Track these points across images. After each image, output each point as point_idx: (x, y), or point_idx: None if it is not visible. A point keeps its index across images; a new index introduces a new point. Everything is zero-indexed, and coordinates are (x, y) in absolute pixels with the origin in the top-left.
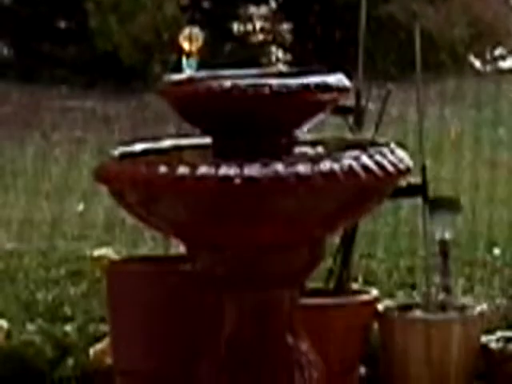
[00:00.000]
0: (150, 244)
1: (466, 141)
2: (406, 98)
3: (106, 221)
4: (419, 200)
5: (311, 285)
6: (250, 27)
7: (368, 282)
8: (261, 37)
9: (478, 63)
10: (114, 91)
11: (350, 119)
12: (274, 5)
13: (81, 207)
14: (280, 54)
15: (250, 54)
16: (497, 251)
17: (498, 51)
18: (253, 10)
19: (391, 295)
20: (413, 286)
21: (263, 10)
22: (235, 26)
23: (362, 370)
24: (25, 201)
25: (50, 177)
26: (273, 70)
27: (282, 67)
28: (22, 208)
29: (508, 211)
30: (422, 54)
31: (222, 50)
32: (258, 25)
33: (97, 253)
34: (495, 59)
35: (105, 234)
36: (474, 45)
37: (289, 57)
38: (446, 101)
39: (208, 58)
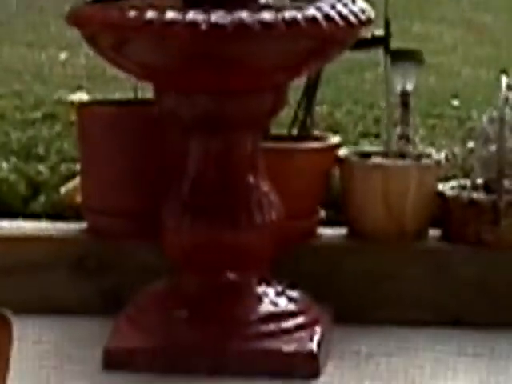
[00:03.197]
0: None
1: (446, 1)
2: None
3: (87, 70)
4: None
5: (275, 131)
6: None
7: (333, 131)
8: None
9: None
10: None
11: None
12: None
13: (63, 56)
14: None
15: None
16: (456, 102)
17: None
18: None
19: (355, 144)
20: (377, 136)
21: None
22: None
23: (323, 213)
24: (7, 49)
25: (34, 26)
26: None
27: None
28: (3, 56)
29: (480, 70)
30: None
31: None
32: None
33: (72, 97)
34: None
35: (85, 82)
36: None
37: None
38: None
39: None
